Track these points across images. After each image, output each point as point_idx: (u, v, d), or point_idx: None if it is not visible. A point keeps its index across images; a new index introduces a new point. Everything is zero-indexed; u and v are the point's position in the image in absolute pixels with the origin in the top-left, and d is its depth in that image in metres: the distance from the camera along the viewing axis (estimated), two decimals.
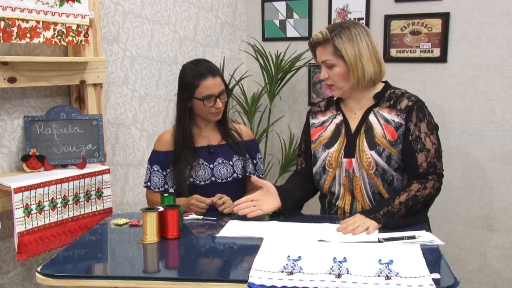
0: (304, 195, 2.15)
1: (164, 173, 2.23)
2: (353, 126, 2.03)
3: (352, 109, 2.06)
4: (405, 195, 1.88)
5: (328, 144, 2.05)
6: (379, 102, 2.01)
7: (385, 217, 1.82)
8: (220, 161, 2.22)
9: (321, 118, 2.13)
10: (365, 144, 1.96)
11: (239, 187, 2.29)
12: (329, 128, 2.08)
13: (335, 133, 2.05)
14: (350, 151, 1.99)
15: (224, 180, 2.22)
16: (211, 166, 2.20)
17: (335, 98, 2.10)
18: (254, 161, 2.31)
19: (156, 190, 2.24)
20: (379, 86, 2.05)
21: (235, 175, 2.23)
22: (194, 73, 2.16)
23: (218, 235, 1.81)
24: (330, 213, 2.10)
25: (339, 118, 2.07)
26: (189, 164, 2.17)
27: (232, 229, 1.86)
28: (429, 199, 1.94)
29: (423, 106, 1.99)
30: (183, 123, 2.19)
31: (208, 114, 2.18)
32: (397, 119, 1.96)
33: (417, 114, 1.95)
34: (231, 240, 1.76)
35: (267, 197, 2.00)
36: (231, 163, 2.23)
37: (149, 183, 2.26)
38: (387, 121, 1.97)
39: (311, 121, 2.16)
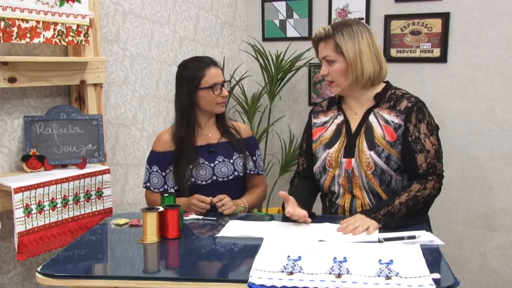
0: (314, 198, 2.16)
1: (163, 173, 2.23)
2: (354, 126, 2.03)
3: (353, 109, 2.06)
4: (405, 195, 1.88)
5: (329, 144, 2.05)
6: (380, 103, 2.02)
7: (386, 217, 1.82)
8: (221, 160, 2.21)
9: (322, 118, 2.14)
10: (365, 144, 1.97)
11: (240, 185, 2.29)
12: (330, 128, 2.08)
13: (336, 133, 2.05)
14: (349, 151, 2.00)
15: (225, 179, 2.21)
16: (212, 165, 2.20)
17: (333, 95, 2.12)
18: (254, 158, 2.31)
19: (156, 190, 2.23)
20: (380, 86, 2.05)
21: (236, 173, 2.23)
22: (197, 65, 2.18)
23: (218, 235, 1.81)
24: (331, 212, 2.10)
25: (340, 118, 2.08)
26: (191, 163, 2.17)
27: (232, 229, 1.86)
28: (429, 199, 1.94)
29: (423, 107, 1.99)
30: (188, 119, 2.18)
31: (215, 105, 2.19)
32: (396, 120, 1.96)
33: (417, 115, 1.95)
34: (231, 240, 1.76)
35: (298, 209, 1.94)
36: (231, 161, 2.22)
37: (148, 184, 2.25)
38: (386, 122, 1.97)
39: (313, 120, 2.16)
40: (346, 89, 2.01)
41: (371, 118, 2.00)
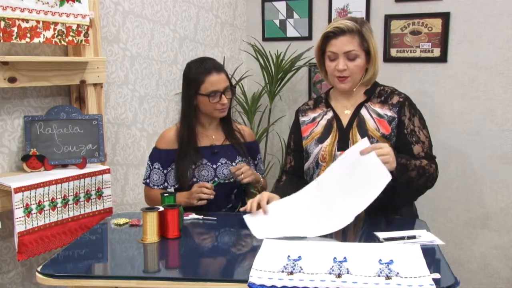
0: None
1: (164, 171, 2.23)
2: (345, 121, 2.06)
3: (344, 105, 2.10)
4: (418, 161, 1.91)
5: (321, 139, 2.07)
6: (370, 98, 2.06)
7: (401, 165, 1.83)
8: (223, 162, 2.22)
9: (311, 115, 2.15)
10: (359, 137, 2.00)
11: (240, 187, 2.29)
12: (321, 123, 2.10)
13: (327, 128, 2.07)
14: (343, 144, 2.02)
15: (226, 181, 2.22)
16: (214, 166, 2.20)
17: (323, 94, 2.14)
18: (255, 162, 2.32)
19: (155, 187, 2.23)
20: (369, 84, 2.10)
21: None
22: (199, 69, 2.17)
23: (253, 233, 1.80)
24: None
25: (329, 114, 2.11)
26: (193, 163, 2.17)
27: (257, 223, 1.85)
28: (430, 179, 1.97)
29: (412, 102, 2.06)
30: (188, 120, 2.19)
31: (214, 111, 2.18)
32: (389, 113, 2.01)
33: (410, 110, 2.02)
34: (232, 240, 1.76)
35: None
36: (234, 164, 2.22)
37: (148, 180, 2.25)
38: (379, 115, 2.02)
39: (301, 118, 2.17)
40: (354, 86, 2.03)
41: (363, 112, 2.04)
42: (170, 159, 2.21)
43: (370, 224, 1.90)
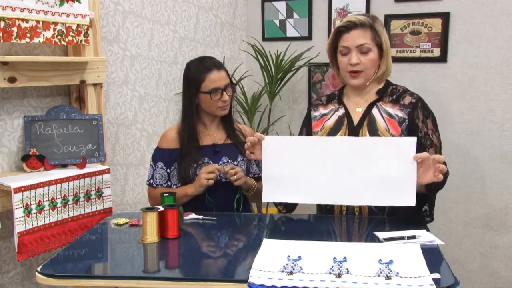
0: None
1: (168, 170, 2.23)
2: (356, 119, 2.05)
3: (356, 103, 2.08)
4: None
5: (330, 135, 2.06)
6: (382, 97, 2.04)
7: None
8: (225, 161, 2.22)
9: (322, 111, 2.15)
10: (368, 135, 1.98)
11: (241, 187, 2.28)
12: (331, 119, 2.09)
13: (337, 124, 2.07)
14: None
15: (228, 179, 2.21)
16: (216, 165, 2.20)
17: (337, 91, 2.12)
18: (256, 162, 2.31)
19: (159, 186, 2.23)
20: (382, 82, 2.09)
21: None
22: (199, 68, 2.18)
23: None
24: (326, 208, 2.08)
25: (341, 111, 2.09)
26: (195, 162, 2.17)
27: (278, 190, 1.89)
28: (444, 183, 1.95)
29: (425, 103, 2.04)
30: (189, 120, 2.19)
31: (216, 109, 2.18)
32: (400, 114, 1.99)
33: (423, 112, 2.00)
34: (232, 239, 1.76)
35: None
36: (235, 163, 2.22)
37: (152, 181, 2.25)
38: (390, 115, 2.00)
39: (313, 114, 2.17)
40: (368, 81, 2.03)
41: (374, 111, 2.03)
42: (173, 158, 2.21)
43: (370, 224, 1.90)
